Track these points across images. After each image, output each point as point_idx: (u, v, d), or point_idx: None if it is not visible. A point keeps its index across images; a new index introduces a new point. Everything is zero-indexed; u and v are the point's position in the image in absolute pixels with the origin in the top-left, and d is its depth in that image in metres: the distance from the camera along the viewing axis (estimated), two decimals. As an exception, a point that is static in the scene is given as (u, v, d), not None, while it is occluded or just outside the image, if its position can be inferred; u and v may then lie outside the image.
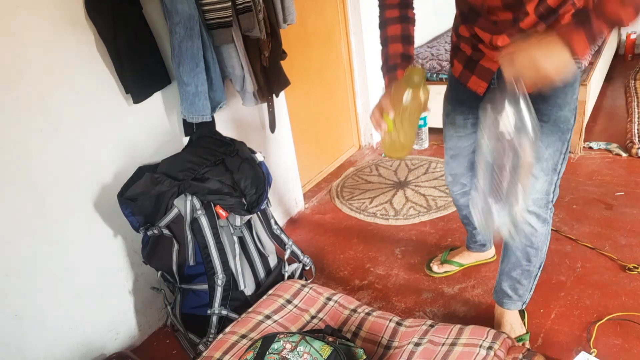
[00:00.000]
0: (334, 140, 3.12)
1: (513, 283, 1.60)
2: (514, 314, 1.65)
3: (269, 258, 1.81)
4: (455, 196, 1.79)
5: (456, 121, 1.57)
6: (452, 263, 2.03)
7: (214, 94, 1.78)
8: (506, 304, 1.64)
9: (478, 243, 1.98)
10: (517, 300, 1.62)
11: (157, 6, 1.67)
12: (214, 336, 1.58)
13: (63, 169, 1.55)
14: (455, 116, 1.57)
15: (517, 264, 1.55)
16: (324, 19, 2.79)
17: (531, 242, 1.49)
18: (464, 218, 1.90)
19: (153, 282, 1.85)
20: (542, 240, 1.50)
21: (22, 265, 1.50)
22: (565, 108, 1.32)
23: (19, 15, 1.37)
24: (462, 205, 1.83)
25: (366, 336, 1.39)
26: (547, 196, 1.42)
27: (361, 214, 2.57)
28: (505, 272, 1.60)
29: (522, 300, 1.62)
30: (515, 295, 1.61)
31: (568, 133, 1.35)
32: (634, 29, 4.35)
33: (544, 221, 1.46)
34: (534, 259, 1.53)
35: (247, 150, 1.71)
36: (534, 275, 1.58)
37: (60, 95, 1.50)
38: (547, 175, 1.39)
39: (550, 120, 1.33)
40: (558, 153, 1.37)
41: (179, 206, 1.56)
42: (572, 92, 1.32)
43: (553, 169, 1.38)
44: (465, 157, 1.62)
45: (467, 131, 1.56)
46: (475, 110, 1.45)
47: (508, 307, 1.64)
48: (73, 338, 1.68)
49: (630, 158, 2.72)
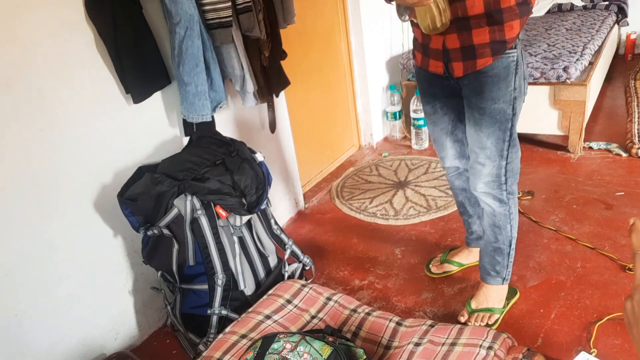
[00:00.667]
0: (334, 140, 3.12)
1: (490, 259, 1.73)
2: (494, 288, 1.77)
3: (269, 258, 1.81)
4: (451, 179, 1.88)
5: (426, 109, 1.71)
6: (452, 263, 2.03)
7: (214, 94, 1.78)
8: (486, 279, 1.77)
9: (474, 235, 1.99)
10: (496, 276, 1.75)
11: (157, 6, 1.67)
12: (214, 336, 1.58)
13: (63, 169, 1.55)
14: (424, 105, 1.71)
15: (489, 241, 1.71)
16: (324, 19, 2.79)
17: (493, 222, 1.66)
18: (460, 206, 1.94)
19: (153, 282, 1.85)
20: (503, 219, 1.64)
21: (22, 265, 1.49)
22: (499, 101, 1.44)
23: (19, 16, 1.37)
24: (458, 189, 1.88)
25: (366, 336, 1.39)
26: (499, 179, 1.56)
27: (361, 214, 2.57)
28: (483, 249, 1.77)
29: (500, 276, 1.74)
30: (493, 271, 1.74)
31: (508, 122, 1.47)
32: (634, 29, 4.35)
33: (500, 201, 1.60)
34: (499, 236, 1.68)
35: (247, 150, 1.71)
36: (507, 253, 1.71)
37: (60, 95, 1.50)
38: (494, 161, 1.53)
39: (487, 113, 1.46)
40: (501, 141, 1.49)
41: (179, 206, 1.56)
42: (506, 85, 1.43)
43: (499, 155, 1.51)
44: (445, 139, 1.74)
45: (438, 115, 1.69)
46: (439, 97, 1.66)
47: (488, 281, 1.76)
48: (73, 338, 1.68)
49: (630, 158, 2.72)
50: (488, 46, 1.38)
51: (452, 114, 1.67)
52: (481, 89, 1.44)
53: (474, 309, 1.76)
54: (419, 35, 1.53)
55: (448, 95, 1.61)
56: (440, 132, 1.72)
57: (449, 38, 1.41)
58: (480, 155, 1.53)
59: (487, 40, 1.37)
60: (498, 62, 1.40)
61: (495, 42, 1.37)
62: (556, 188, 2.52)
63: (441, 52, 1.46)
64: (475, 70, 1.43)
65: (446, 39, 1.42)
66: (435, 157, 3.06)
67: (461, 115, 1.67)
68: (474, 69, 1.42)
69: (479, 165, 1.56)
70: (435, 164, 2.98)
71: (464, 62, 1.43)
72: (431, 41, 1.47)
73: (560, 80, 2.67)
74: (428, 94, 1.66)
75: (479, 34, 1.37)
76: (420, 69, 1.61)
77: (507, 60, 1.41)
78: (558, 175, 2.65)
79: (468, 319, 1.74)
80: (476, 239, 2.00)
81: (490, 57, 1.39)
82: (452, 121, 1.69)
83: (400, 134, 3.40)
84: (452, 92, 1.59)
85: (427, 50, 1.51)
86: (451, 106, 1.65)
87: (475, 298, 1.78)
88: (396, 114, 3.31)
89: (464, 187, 1.85)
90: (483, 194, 1.61)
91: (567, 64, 2.68)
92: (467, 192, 1.86)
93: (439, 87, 1.60)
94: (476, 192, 1.63)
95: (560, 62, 2.72)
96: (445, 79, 1.53)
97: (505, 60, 1.41)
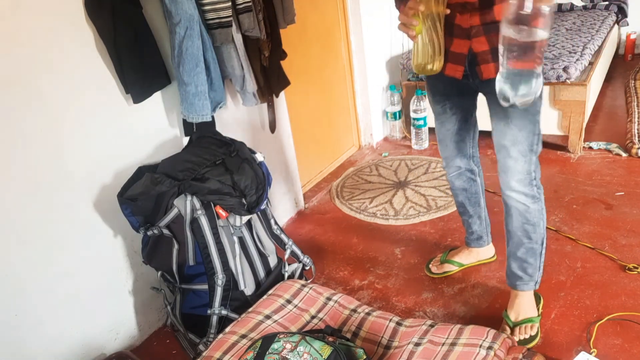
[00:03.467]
0: (334, 140, 3.12)
1: (521, 263, 1.65)
2: (527, 295, 1.69)
3: (269, 258, 1.81)
4: (451, 179, 1.86)
5: (436, 109, 1.71)
6: (452, 263, 2.03)
7: (214, 94, 1.78)
8: (519, 285, 1.68)
9: (474, 235, 1.98)
10: (529, 281, 1.67)
11: (157, 6, 1.67)
12: (214, 336, 1.58)
13: (63, 169, 1.55)
14: (434, 105, 1.71)
15: (520, 243, 1.63)
16: (324, 19, 2.79)
17: (527, 219, 1.59)
18: (460, 206, 1.93)
19: (153, 282, 1.85)
20: (537, 215, 1.59)
21: (22, 265, 1.49)
22: None
23: (19, 16, 1.37)
24: (458, 189, 1.88)
25: (366, 336, 1.39)
26: (529, 175, 1.53)
27: (361, 214, 2.57)
28: (511, 253, 1.68)
29: (533, 280, 1.67)
30: (526, 276, 1.66)
31: (537, 115, 1.48)
32: (634, 29, 4.35)
33: (532, 197, 1.56)
34: (533, 235, 1.61)
35: (247, 151, 1.71)
36: (539, 252, 1.64)
37: (60, 95, 1.50)
38: (525, 156, 1.50)
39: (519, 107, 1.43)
40: (532, 135, 1.48)
41: (179, 206, 1.56)
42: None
43: (529, 149, 1.50)
44: (450, 140, 1.74)
45: (447, 115, 1.69)
46: (451, 97, 1.65)
47: (521, 288, 1.68)
48: (73, 338, 1.68)
49: (630, 158, 2.72)
50: None
51: (460, 114, 1.67)
52: None
53: (515, 321, 1.66)
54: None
55: (460, 95, 1.63)
56: (447, 132, 1.73)
57: (476, 41, 1.41)
58: (512, 150, 1.50)
59: None
60: None
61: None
62: (556, 188, 2.52)
63: (465, 56, 1.45)
64: None
65: (473, 42, 1.41)
66: (435, 157, 3.06)
67: (468, 115, 1.69)
68: None
69: (511, 160, 1.52)
70: (435, 164, 2.98)
71: (494, 63, 1.41)
72: (453, 44, 1.45)
73: (560, 80, 2.67)
74: (440, 93, 1.66)
75: None
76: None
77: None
78: (558, 175, 2.65)
79: (512, 334, 1.64)
80: (476, 239, 2.00)
81: None
82: (459, 121, 1.69)
83: (400, 134, 3.40)
84: (465, 92, 1.60)
85: (446, 53, 1.47)
86: (461, 106, 1.66)
87: (512, 309, 1.69)
88: (396, 114, 3.31)
89: (465, 187, 1.85)
90: (516, 192, 1.56)
91: (567, 64, 2.68)
92: (468, 192, 1.86)
93: (453, 87, 1.59)
94: (508, 192, 1.57)
95: (560, 62, 2.72)
96: (464, 78, 1.51)
97: None
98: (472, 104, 1.70)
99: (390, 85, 3.30)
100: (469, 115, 1.71)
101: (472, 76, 1.49)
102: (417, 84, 3.21)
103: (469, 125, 1.73)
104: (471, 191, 1.87)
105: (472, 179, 1.85)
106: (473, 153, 1.82)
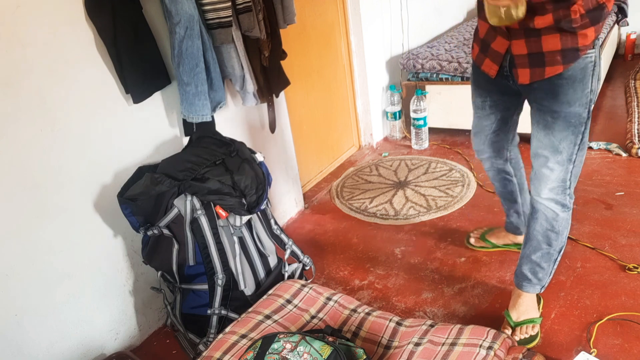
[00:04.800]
0: (334, 140, 3.12)
1: (533, 266, 1.64)
2: (531, 296, 1.69)
3: (269, 258, 1.81)
4: (487, 172, 1.87)
5: (476, 102, 1.66)
6: (487, 242, 2.09)
7: (214, 94, 1.78)
8: (525, 287, 1.67)
9: (512, 225, 2.02)
10: (536, 284, 1.66)
11: (157, 6, 1.67)
12: (214, 336, 1.58)
13: (63, 169, 1.55)
14: (475, 98, 1.66)
15: (538, 247, 1.60)
16: (324, 19, 2.79)
17: (552, 226, 1.55)
18: (499, 195, 1.94)
19: (153, 282, 1.85)
20: (564, 225, 1.56)
21: (22, 265, 1.50)
22: (575, 104, 1.36)
23: (19, 15, 1.37)
24: (494, 183, 1.88)
25: (366, 336, 1.39)
26: (564, 184, 1.49)
27: (361, 214, 2.57)
28: (526, 255, 1.65)
29: (541, 284, 1.66)
30: (535, 279, 1.65)
31: (581, 126, 1.39)
32: (634, 29, 4.35)
33: (563, 206, 1.52)
34: (554, 242, 1.58)
35: (247, 151, 1.71)
36: (554, 259, 1.63)
37: (60, 95, 1.50)
38: (563, 165, 1.45)
39: (561, 117, 1.38)
40: (572, 145, 1.42)
41: (179, 206, 1.56)
42: (582, 87, 1.34)
43: (568, 159, 1.44)
44: (485, 135, 1.71)
45: (485, 112, 1.65)
46: (492, 94, 1.57)
47: (527, 289, 1.67)
48: (73, 338, 1.68)
49: (630, 158, 2.72)
50: (559, 54, 1.29)
51: (499, 113, 1.62)
52: (555, 91, 1.35)
53: (517, 321, 1.65)
54: (482, 29, 1.45)
55: (501, 93, 1.57)
56: (483, 128, 1.69)
57: (515, 44, 1.34)
58: (551, 160, 1.45)
59: (558, 47, 1.28)
60: (574, 64, 1.31)
61: (567, 50, 1.28)
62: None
63: (502, 55, 1.40)
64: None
65: (512, 44, 1.35)
66: (435, 157, 3.06)
67: (508, 116, 1.64)
68: (542, 77, 1.34)
69: (546, 170, 1.47)
70: (435, 163, 2.98)
71: (530, 69, 1.34)
72: (494, 41, 1.40)
73: (560, 80, 2.67)
74: (482, 88, 1.61)
75: (549, 40, 1.28)
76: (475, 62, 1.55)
77: (585, 61, 1.31)
78: (558, 175, 2.65)
79: (513, 333, 1.65)
80: (513, 229, 2.03)
81: (562, 65, 1.30)
82: (498, 121, 1.64)
83: (400, 134, 3.40)
84: (506, 92, 1.55)
85: (487, 48, 1.43)
86: (501, 105, 1.61)
87: (514, 309, 1.68)
88: (396, 114, 3.31)
89: (499, 185, 1.88)
90: (546, 199, 1.52)
91: (567, 64, 2.67)
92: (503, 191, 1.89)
93: (494, 84, 1.53)
94: (538, 198, 1.53)
95: (560, 62, 2.72)
96: (504, 78, 1.45)
97: (583, 62, 1.31)
98: (514, 105, 1.62)
99: (390, 85, 3.30)
100: (509, 117, 1.64)
101: (511, 77, 1.42)
102: (417, 84, 3.21)
103: (508, 127, 1.67)
104: (507, 190, 1.86)
105: (507, 179, 1.82)
106: (511, 156, 1.77)
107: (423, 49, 3.29)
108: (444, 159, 3.01)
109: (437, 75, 3.14)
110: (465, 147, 3.12)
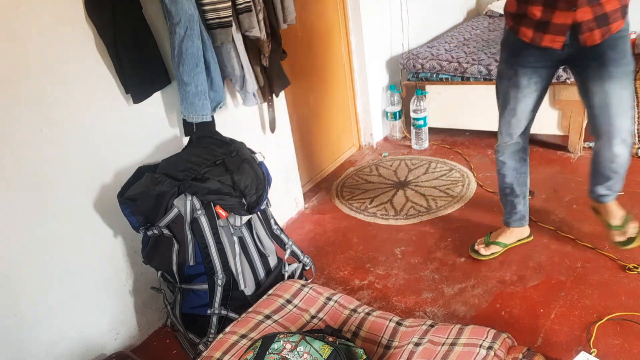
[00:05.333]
0: (334, 140, 3.12)
1: (608, 187, 1.88)
2: (613, 203, 1.93)
3: (269, 258, 1.81)
4: (503, 159, 1.96)
5: (521, 83, 1.78)
6: (497, 244, 2.09)
7: (214, 94, 1.78)
8: (603, 197, 1.92)
9: (518, 215, 2.05)
10: (613, 194, 1.91)
11: (157, 6, 1.68)
12: (214, 336, 1.58)
13: (63, 169, 1.55)
14: (518, 79, 1.78)
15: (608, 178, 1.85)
16: (324, 19, 2.79)
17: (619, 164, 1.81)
18: (507, 187, 2.02)
19: (153, 282, 1.85)
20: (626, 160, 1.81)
21: (22, 265, 1.50)
22: (628, 54, 1.63)
23: (19, 15, 1.37)
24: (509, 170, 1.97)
25: (366, 336, 1.39)
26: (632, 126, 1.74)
27: (361, 214, 2.57)
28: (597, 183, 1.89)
29: (617, 192, 1.90)
30: (610, 191, 1.90)
31: (632, 74, 1.67)
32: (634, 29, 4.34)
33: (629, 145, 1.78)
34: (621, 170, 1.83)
35: (247, 151, 1.71)
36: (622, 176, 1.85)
37: (60, 95, 1.50)
38: (628, 112, 1.69)
39: (622, 66, 1.63)
40: (633, 93, 1.69)
41: (179, 206, 1.56)
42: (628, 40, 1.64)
43: (631, 107, 1.70)
44: (526, 115, 1.85)
45: (530, 89, 1.79)
46: (539, 69, 1.76)
47: (606, 200, 1.92)
48: (73, 338, 1.68)
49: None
50: (619, 11, 1.57)
51: (542, 85, 1.79)
52: (617, 47, 1.61)
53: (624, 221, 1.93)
54: (538, 12, 1.61)
55: (547, 67, 1.75)
56: (526, 107, 1.82)
57: (580, 12, 1.55)
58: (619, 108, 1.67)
59: (617, 6, 1.57)
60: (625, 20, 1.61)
61: (621, 8, 1.58)
62: (556, 188, 2.52)
63: (568, 26, 1.59)
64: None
65: (577, 13, 1.55)
66: (435, 157, 3.06)
67: (547, 88, 1.82)
68: (611, 34, 1.59)
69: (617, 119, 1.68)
70: (435, 164, 2.98)
71: (600, 29, 1.57)
72: (555, 16, 1.59)
73: (560, 80, 2.67)
74: (530, 66, 1.75)
75: (608, 1, 1.55)
76: (528, 45, 1.69)
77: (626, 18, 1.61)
78: (558, 175, 2.65)
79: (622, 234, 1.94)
80: (519, 219, 2.07)
81: (622, 19, 1.59)
82: (539, 97, 1.82)
83: (400, 134, 3.40)
84: (552, 65, 1.76)
85: (547, 26, 1.61)
86: (546, 78, 1.78)
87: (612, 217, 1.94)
88: (396, 114, 3.31)
89: (516, 167, 1.95)
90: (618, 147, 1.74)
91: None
92: (518, 172, 1.97)
93: (543, 59, 1.72)
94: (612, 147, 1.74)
95: (560, 62, 2.72)
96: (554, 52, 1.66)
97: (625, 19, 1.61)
98: (552, 77, 1.82)
99: (390, 85, 3.30)
100: (547, 89, 1.83)
101: (570, 45, 1.63)
102: (417, 84, 3.21)
103: (542, 99, 1.84)
104: (521, 171, 1.97)
105: (523, 159, 1.96)
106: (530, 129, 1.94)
107: (423, 49, 3.29)
108: (444, 159, 3.01)
109: (437, 75, 3.14)
110: (465, 147, 3.12)
